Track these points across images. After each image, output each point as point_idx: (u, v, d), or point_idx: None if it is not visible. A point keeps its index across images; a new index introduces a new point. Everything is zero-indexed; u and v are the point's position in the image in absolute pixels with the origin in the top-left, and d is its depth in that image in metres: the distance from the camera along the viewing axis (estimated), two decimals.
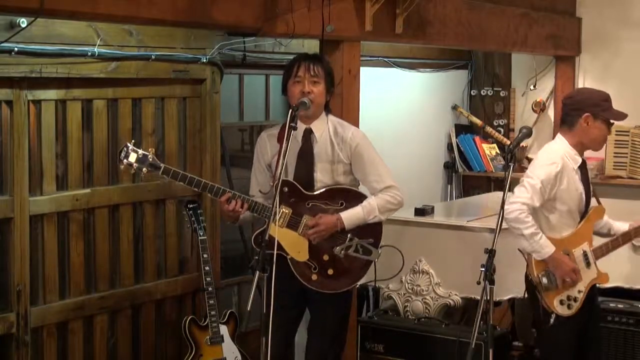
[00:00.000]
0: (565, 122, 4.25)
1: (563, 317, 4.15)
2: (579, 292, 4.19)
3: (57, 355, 4.38)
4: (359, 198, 4.14)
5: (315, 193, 4.09)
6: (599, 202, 4.39)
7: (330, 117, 4.20)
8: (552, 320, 4.15)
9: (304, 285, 4.09)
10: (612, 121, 4.24)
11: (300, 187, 4.07)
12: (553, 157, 4.20)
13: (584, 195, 4.24)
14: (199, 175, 4.76)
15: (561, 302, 4.17)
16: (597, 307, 4.43)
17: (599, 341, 4.43)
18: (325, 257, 4.07)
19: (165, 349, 4.89)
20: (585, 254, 4.24)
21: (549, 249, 4.11)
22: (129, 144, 3.86)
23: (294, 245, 4.04)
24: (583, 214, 4.26)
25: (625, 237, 4.36)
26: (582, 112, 4.17)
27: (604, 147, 6.66)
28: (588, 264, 4.23)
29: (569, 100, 4.30)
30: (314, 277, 4.07)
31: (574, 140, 4.22)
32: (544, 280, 4.12)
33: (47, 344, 4.33)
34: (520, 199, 4.09)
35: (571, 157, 4.22)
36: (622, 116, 4.27)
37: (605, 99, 4.24)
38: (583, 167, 4.27)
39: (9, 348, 4.17)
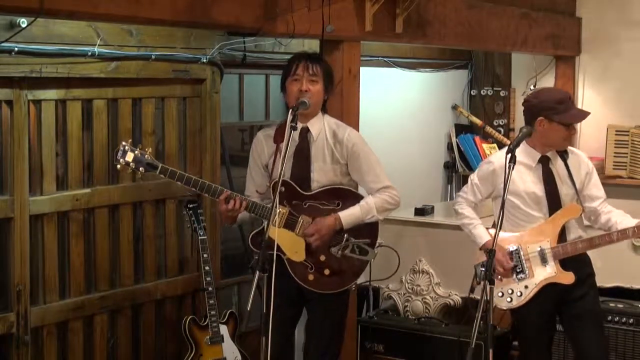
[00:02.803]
0: (525, 124, 4.30)
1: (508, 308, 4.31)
2: (526, 287, 4.24)
3: (57, 355, 4.38)
4: (355, 198, 4.14)
5: (312, 193, 4.09)
6: (580, 201, 4.29)
7: (327, 117, 4.20)
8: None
9: (300, 285, 4.08)
10: (570, 123, 4.23)
11: (297, 187, 4.07)
12: (492, 156, 4.48)
13: (539, 193, 4.24)
14: (198, 175, 4.77)
15: (500, 294, 4.28)
16: (580, 307, 4.29)
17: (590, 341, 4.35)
18: (322, 257, 4.07)
19: (165, 349, 4.89)
20: (542, 251, 4.23)
21: (481, 239, 4.32)
22: (125, 144, 3.85)
23: (291, 245, 4.04)
24: (553, 212, 4.25)
25: (603, 239, 4.24)
26: (537, 116, 4.21)
27: (605, 146, 6.77)
28: (544, 262, 4.23)
29: (526, 103, 4.35)
30: (311, 277, 4.07)
31: (532, 140, 4.27)
32: (478, 270, 4.26)
33: (47, 344, 4.33)
34: (460, 193, 4.44)
35: (525, 155, 4.26)
36: (578, 118, 4.28)
37: (561, 100, 4.23)
38: (545, 166, 4.27)
39: (9, 348, 4.17)
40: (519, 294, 4.26)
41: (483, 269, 4.14)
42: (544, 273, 4.24)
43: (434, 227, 5.19)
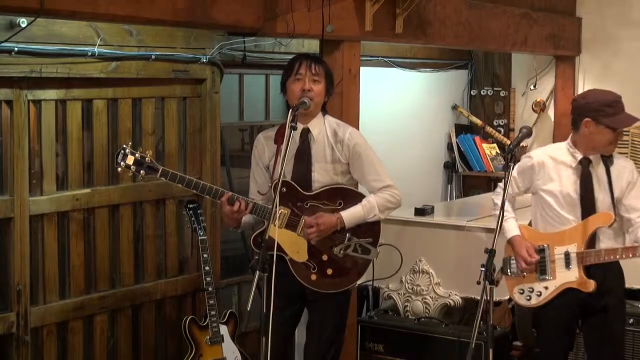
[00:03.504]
0: (572, 124, 4.24)
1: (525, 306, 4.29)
2: (546, 288, 4.20)
3: (57, 355, 4.38)
4: (357, 197, 4.14)
5: (313, 193, 4.09)
6: (614, 209, 4.20)
7: (327, 117, 4.20)
8: (510, 304, 4.52)
9: (303, 285, 4.09)
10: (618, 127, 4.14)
11: (298, 187, 4.07)
12: (533, 151, 4.39)
13: (574, 195, 4.19)
14: (199, 175, 4.78)
15: (520, 292, 4.26)
16: (601, 318, 4.25)
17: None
18: (324, 257, 4.07)
19: (165, 349, 4.89)
20: (567, 255, 4.18)
21: (509, 233, 4.26)
22: (125, 147, 3.84)
23: (293, 245, 4.04)
24: (586, 216, 4.18)
25: (627, 252, 4.15)
26: (583, 117, 4.15)
27: None
28: (568, 265, 4.18)
29: (574, 103, 4.29)
30: (313, 277, 4.07)
31: (577, 140, 4.22)
32: (504, 263, 4.27)
33: (47, 344, 4.33)
34: (500, 184, 4.31)
35: (566, 154, 4.23)
36: (626, 122, 4.18)
37: (609, 103, 4.15)
38: (585, 168, 4.20)
39: (9, 348, 4.17)
40: (538, 293, 4.22)
41: (511, 263, 4.22)
42: (566, 277, 4.17)
43: (434, 227, 5.18)
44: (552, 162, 4.26)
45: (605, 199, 4.19)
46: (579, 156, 4.20)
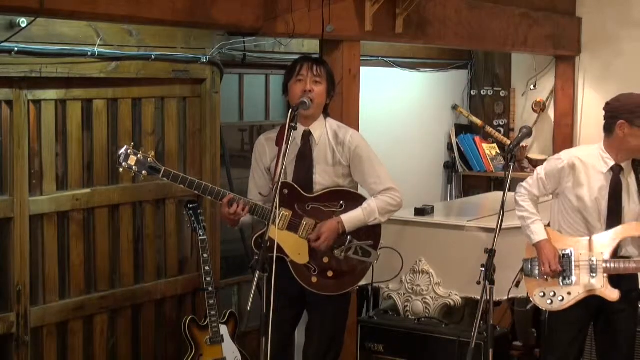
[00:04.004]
0: (605, 128, 4.19)
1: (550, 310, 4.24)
2: (569, 293, 4.15)
3: (57, 355, 4.38)
4: (358, 200, 4.13)
5: (314, 195, 4.09)
6: None
7: (329, 119, 4.20)
8: (528, 307, 4.47)
9: (303, 287, 4.08)
10: None
11: (299, 189, 4.07)
12: (563, 153, 4.30)
13: (602, 202, 4.14)
14: (199, 175, 4.78)
15: (541, 295, 4.20)
16: (615, 321, 4.24)
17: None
18: (325, 260, 4.07)
19: (165, 349, 4.89)
20: (593, 262, 4.13)
21: (536, 236, 4.20)
22: (127, 147, 3.84)
23: (294, 247, 4.04)
24: (611, 224, 4.15)
25: None
26: (617, 120, 4.09)
27: None
28: (593, 273, 4.13)
29: (607, 106, 4.21)
30: (314, 279, 4.07)
31: (610, 145, 4.16)
32: (526, 265, 4.24)
33: (47, 344, 4.33)
34: (524, 185, 4.29)
35: (598, 159, 4.17)
36: None
37: None
38: (616, 175, 4.14)
39: (9, 348, 4.17)
40: (560, 298, 4.17)
41: (534, 265, 4.20)
42: (590, 284, 4.13)
43: (434, 227, 5.17)
44: (583, 165, 4.19)
45: (635, 208, 4.16)
46: (611, 162, 4.15)
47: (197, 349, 4.61)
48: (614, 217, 4.14)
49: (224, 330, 4.68)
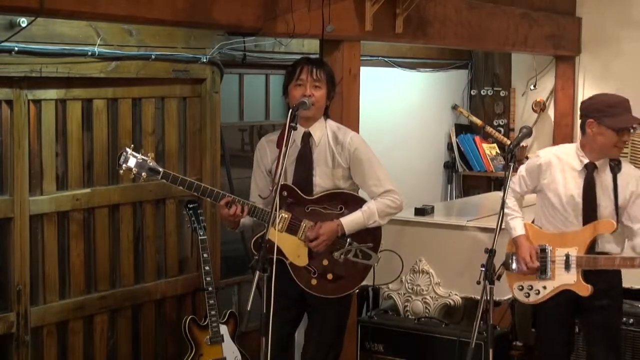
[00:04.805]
0: (580, 126, 4.28)
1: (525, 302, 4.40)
2: (544, 287, 4.27)
3: (57, 355, 4.38)
4: (358, 202, 4.12)
5: (314, 197, 4.08)
6: (619, 218, 4.22)
7: (329, 121, 4.19)
8: (509, 300, 4.59)
9: (303, 290, 4.08)
10: (619, 128, 4.13)
11: (299, 191, 4.06)
12: (542, 151, 4.43)
13: (577, 199, 4.21)
14: (198, 175, 4.78)
15: (519, 288, 4.33)
16: (597, 319, 4.30)
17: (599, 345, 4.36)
18: (325, 262, 4.06)
19: (165, 349, 4.89)
20: (568, 257, 4.22)
21: (514, 232, 4.33)
22: (127, 149, 3.84)
23: (294, 249, 4.03)
24: (587, 220, 4.21)
25: (625, 262, 4.21)
26: (587, 118, 4.19)
27: None
28: (567, 268, 4.22)
29: (581, 105, 4.34)
30: (314, 281, 4.06)
31: (584, 143, 4.24)
32: (506, 259, 4.33)
33: (47, 344, 4.33)
34: (510, 183, 4.30)
35: (574, 157, 4.25)
36: (627, 123, 4.16)
37: (612, 104, 4.17)
38: (590, 173, 4.21)
39: (9, 348, 4.17)
40: (536, 292, 4.29)
41: (513, 259, 4.30)
42: (564, 279, 4.23)
43: (434, 227, 5.17)
44: (559, 163, 4.28)
45: (608, 205, 4.21)
46: (585, 160, 4.22)
47: (197, 349, 4.61)
48: (590, 213, 4.22)
49: (224, 330, 4.68)
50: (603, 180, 4.22)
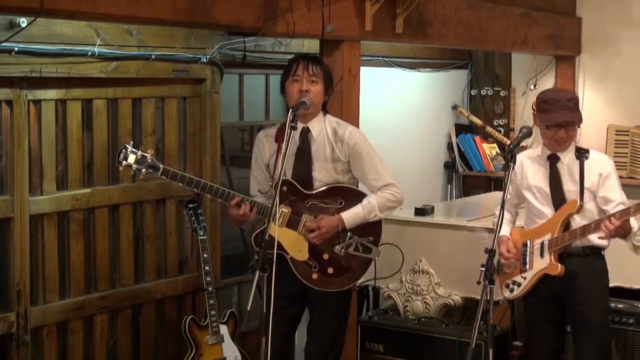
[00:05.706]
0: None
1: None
2: (524, 278, 4.33)
3: (57, 355, 4.38)
4: (358, 196, 4.14)
5: (314, 192, 4.09)
6: (582, 196, 4.28)
7: (328, 116, 4.21)
8: (500, 300, 4.65)
9: (304, 284, 4.08)
10: (546, 124, 4.26)
11: (299, 186, 4.07)
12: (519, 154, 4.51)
13: (546, 189, 4.30)
14: (198, 175, 4.77)
15: (506, 286, 4.41)
16: (581, 317, 4.30)
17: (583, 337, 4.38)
18: (326, 256, 4.07)
19: (165, 348, 4.89)
20: (542, 244, 4.29)
21: (498, 234, 4.33)
22: (127, 145, 3.86)
23: (294, 244, 4.05)
24: (558, 207, 4.30)
25: (583, 230, 4.23)
26: (534, 112, 4.40)
27: (605, 146, 6.78)
28: (542, 254, 4.29)
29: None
30: (315, 276, 4.07)
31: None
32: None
33: (47, 344, 4.33)
34: None
35: (540, 152, 4.39)
36: (553, 120, 4.22)
37: (547, 100, 4.27)
38: (553, 164, 4.31)
39: (9, 348, 4.17)
40: (518, 284, 4.36)
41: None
42: (540, 264, 4.30)
43: (434, 227, 5.17)
44: (529, 161, 4.42)
45: (573, 188, 4.29)
46: (547, 152, 4.34)
47: (197, 348, 4.61)
48: (559, 200, 4.30)
49: (224, 330, 4.68)
50: (570, 168, 4.31)
